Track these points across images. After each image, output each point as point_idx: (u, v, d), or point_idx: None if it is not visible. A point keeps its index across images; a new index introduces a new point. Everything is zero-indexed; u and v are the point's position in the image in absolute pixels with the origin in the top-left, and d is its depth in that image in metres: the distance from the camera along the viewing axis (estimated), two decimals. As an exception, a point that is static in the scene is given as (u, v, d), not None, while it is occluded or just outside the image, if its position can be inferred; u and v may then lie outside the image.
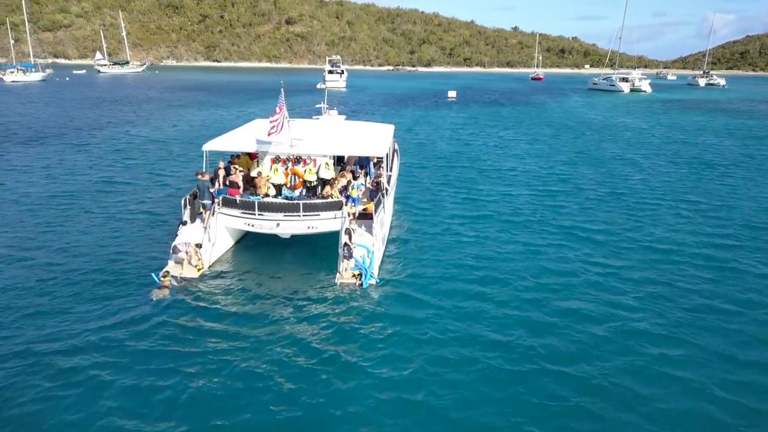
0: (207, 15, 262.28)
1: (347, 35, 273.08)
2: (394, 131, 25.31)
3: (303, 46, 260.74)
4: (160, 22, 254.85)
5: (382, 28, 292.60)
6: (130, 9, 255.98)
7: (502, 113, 64.04)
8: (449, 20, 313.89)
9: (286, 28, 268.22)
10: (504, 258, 18.63)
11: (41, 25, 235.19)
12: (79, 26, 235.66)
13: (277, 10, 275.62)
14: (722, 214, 24.19)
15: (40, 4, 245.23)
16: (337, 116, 29.40)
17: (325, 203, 18.16)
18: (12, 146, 36.02)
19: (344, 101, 78.20)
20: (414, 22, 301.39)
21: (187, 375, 11.71)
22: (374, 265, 17.26)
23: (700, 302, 15.70)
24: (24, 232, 19.96)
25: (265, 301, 15.28)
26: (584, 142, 42.36)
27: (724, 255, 19.24)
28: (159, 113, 55.97)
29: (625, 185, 28.84)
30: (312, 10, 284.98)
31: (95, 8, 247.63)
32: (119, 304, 14.66)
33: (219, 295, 15.57)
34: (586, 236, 20.87)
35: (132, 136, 40.65)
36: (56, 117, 51.80)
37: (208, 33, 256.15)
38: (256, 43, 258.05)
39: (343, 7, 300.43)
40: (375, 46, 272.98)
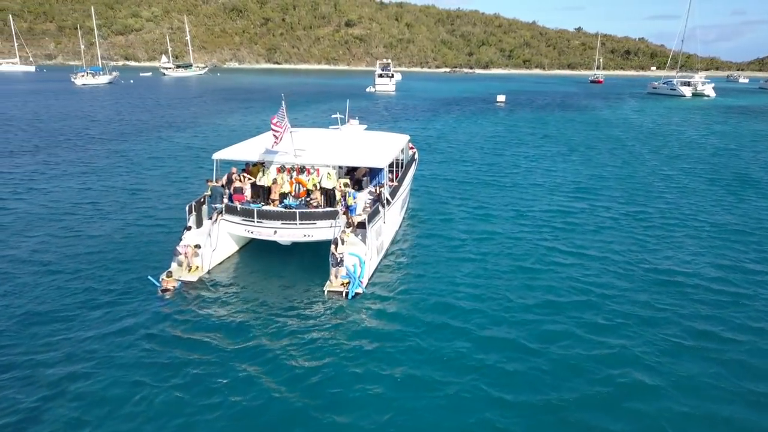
0: (269, 18, 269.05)
1: (405, 37, 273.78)
2: (426, 138, 25.67)
3: (361, 49, 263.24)
4: (225, 25, 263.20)
5: (441, 29, 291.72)
6: (196, 13, 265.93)
7: (546, 120, 62.67)
8: (510, 21, 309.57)
9: (345, 30, 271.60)
10: (503, 278, 18.27)
11: (114, 29, 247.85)
12: (149, 30, 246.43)
13: (337, 13, 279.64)
14: (754, 240, 22.49)
15: (114, 9, 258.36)
16: (358, 125, 29.82)
17: (321, 212, 18.64)
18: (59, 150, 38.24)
19: (389, 105, 78.71)
20: (474, 24, 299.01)
21: (167, 381, 12.26)
22: (365, 275, 17.57)
23: (695, 333, 14.94)
24: (43, 236, 21.10)
25: (252, 308, 15.83)
26: (623, 154, 40.76)
27: (743, 290, 17.79)
28: (205, 119, 57.97)
29: (653, 204, 27.30)
30: (371, 13, 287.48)
31: (164, 12, 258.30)
32: (116, 309, 15.41)
33: (211, 301, 16.24)
34: (595, 259, 20.02)
35: (171, 143, 42.12)
36: (108, 121, 54.52)
37: (270, 36, 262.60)
38: (315, 46, 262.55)
39: (403, 9, 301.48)
40: (433, 48, 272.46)
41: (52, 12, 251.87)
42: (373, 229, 18.92)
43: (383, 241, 20.09)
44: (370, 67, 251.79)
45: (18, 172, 31.39)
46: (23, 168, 32.52)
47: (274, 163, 20.66)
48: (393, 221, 21.88)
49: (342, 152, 21.49)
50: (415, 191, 29.17)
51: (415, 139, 46.02)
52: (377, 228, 19.35)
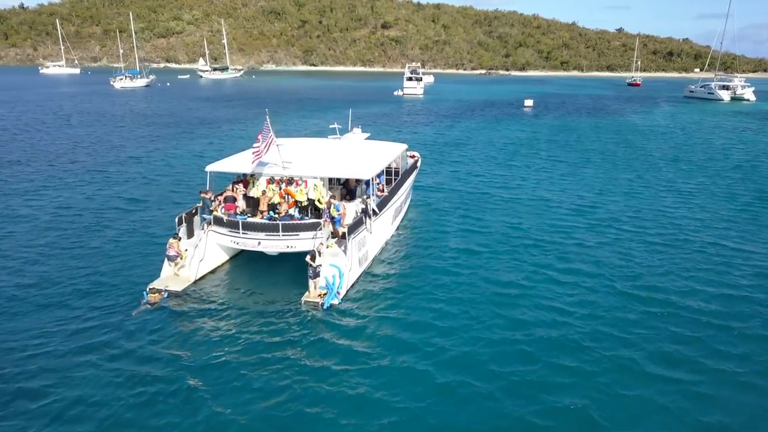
0: (306, 20, 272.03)
1: (441, 39, 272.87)
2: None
3: (397, 50, 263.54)
4: (263, 27, 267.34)
5: (478, 31, 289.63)
6: (236, 16, 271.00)
7: (570, 127, 61.58)
8: (549, 22, 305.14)
9: (382, 32, 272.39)
10: (488, 299, 17.78)
11: (156, 32, 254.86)
12: (189, 33, 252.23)
13: (373, 15, 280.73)
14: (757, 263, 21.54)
15: (156, 12, 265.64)
16: (360, 134, 30.12)
17: (304, 224, 19.10)
18: (79, 156, 39.74)
19: (413, 109, 78.84)
20: (512, 25, 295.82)
21: (128, 396, 12.70)
22: (343, 286, 17.93)
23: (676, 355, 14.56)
24: (33, 245, 22.01)
25: (230, 320, 16.28)
26: (640, 165, 39.54)
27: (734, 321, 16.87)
28: (227, 125, 59.09)
29: (657, 222, 26.21)
30: (408, 14, 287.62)
31: (204, 15, 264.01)
32: (94, 323, 15.94)
33: (191, 313, 16.72)
34: (587, 280, 19.26)
35: (186, 150, 42.73)
36: (133, 126, 56.25)
37: (307, 38, 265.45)
38: (351, 48, 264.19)
39: (440, 10, 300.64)
40: (469, 49, 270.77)
41: (98, 16, 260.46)
42: (355, 241, 19.26)
43: (368, 251, 20.40)
44: (404, 70, 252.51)
45: (30, 179, 32.82)
46: (39, 174, 33.94)
47: (263, 175, 21.23)
48: (382, 232, 22.17)
49: (328, 164, 21.89)
50: (415, 200, 29.34)
51: (430, 144, 46.18)
52: (360, 239, 19.68)
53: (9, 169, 35.19)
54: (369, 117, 66.55)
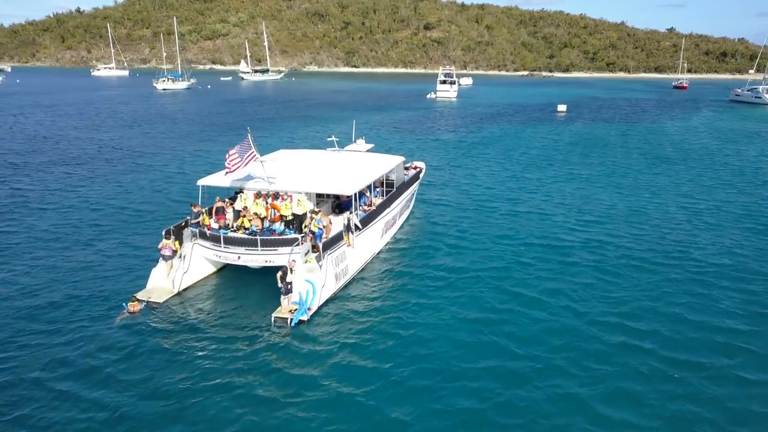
0: (349, 22, 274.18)
1: (484, 40, 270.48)
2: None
3: (438, 52, 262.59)
4: (306, 29, 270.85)
5: (523, 31, 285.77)
6: (280, 18, 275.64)
7: (598, 135, 59.85)
8: (596, 22, 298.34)
9: (424, 33, 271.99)
10: (458, 328, 17.16)
11: (203, 35, 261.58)
12: (235, 35, 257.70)
13: (416, 16, 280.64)
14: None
15: (204, 15, 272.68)
16: (363, 146, 30.38)
17: (282, 239, 19.53)
18: (96, 162, 41.27)
19: (442, 114, 78.53)
20: (557, 25, 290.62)
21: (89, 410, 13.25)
22: (315, 303, 18.26)
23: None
24: (23, 254, 22.93)
25: (201, 333, 16.79)
26: (662, 180, 37.80)
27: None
28: (253, 132, 60.28)
29: (663, 243, 25.06)
30: (451, 15, 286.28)
31: (250, 18, 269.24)
32: (69, 334, 16.58)
33: (167, 325, 17.31)
34: (579, 310, 18.34)
35: (201, 158, 43.42)
36: (158, 132, 57.83)
37: (349, 39, 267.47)
38: (393, 49, 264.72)
39: (484, 11, 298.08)
40: (512, 50, 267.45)
41: (149, 19, 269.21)
42: (332, 256, 19.57)
43: (347, 267, 20.64)
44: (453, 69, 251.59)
45: (44, 184, 34.15)
46: (55, 180, 35.30)
47: (250, 190, 21.79)
48: (367, 246, 22.37)
49: (313, 179, 22.25)
50: (416, 212, 29.36)
51: (445, 153, 45.96)
52: (338, 254, 19.97)
53: (17, 172, 36.87)
54: (393, 123, 66.77)
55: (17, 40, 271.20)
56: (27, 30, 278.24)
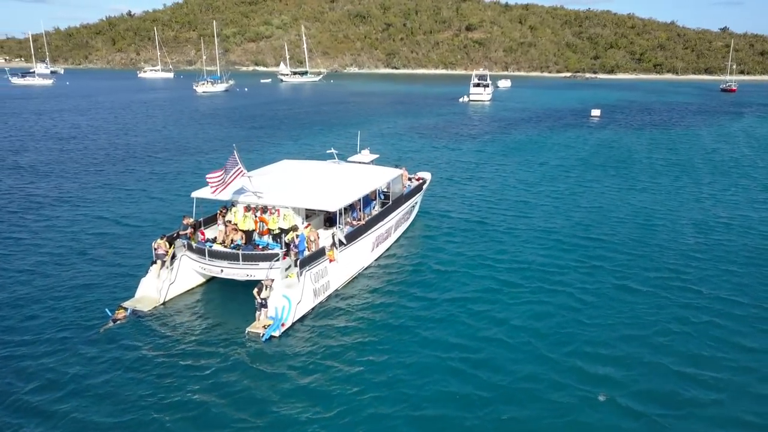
0: (391, 23, 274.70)
1: (527, 40, 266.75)
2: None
3: (480, 53, 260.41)
4: (348, 31, 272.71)
5: (567, 32, 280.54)
6: (322, 20, 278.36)
7: (624, 144, 57.73)
8: (645, 21, 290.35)
9: (465, 34, 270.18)
10: (438, 356, 16.74)
11: (247, 37, 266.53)
12: (278, 37, 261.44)
13: (458, 17, 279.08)
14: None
15: (248, 17, 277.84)
16: (368, 156, 30.49)
17: (263, 254, 19.90)
18: (109, 167, 42.62)
19: (472, 119, 77.79)
20: (603, 25, 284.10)
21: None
22: (289, 318, 18.54)
23: None
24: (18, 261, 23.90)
25: (176, 344, 17.29)
26: (683, 194, 36.20)
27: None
28: (273, 138, 61.01)
29: (667, 263, 24.20)
30: (494, 16, 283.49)
31: (293, 20, 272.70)
32: (48, 342, 17.20)
33: (146, 335, 17.86)
34: (554, 346, 17.39)
35: (214, 164, 44.46)
36: (180, 137, 59.37)
37: (390, 41, 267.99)
38: (434, 50, 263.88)
39: (528, 11, 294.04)
40: (556, 51, 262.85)
41: (195, 21, 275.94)
42: (311, 272, 19.82)
43: (329, 282, 20.83)
44: (487, 72, 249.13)
45: (58, 189, 35.35)
46: (69, 183, 36.55)
47: (241, 203, 22.27)
48: (354, 262, 22.50)
49: (300, 193, 22.51)
50: (417, 224, 29.19)
51: (465, 161, 45.58)
52: (318, 270, 20.19)
53: (20, 177, 38.39)
54: (418, 128, 66.64)
55: (71, 43, 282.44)
56: (81, 33, 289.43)
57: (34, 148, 50.23)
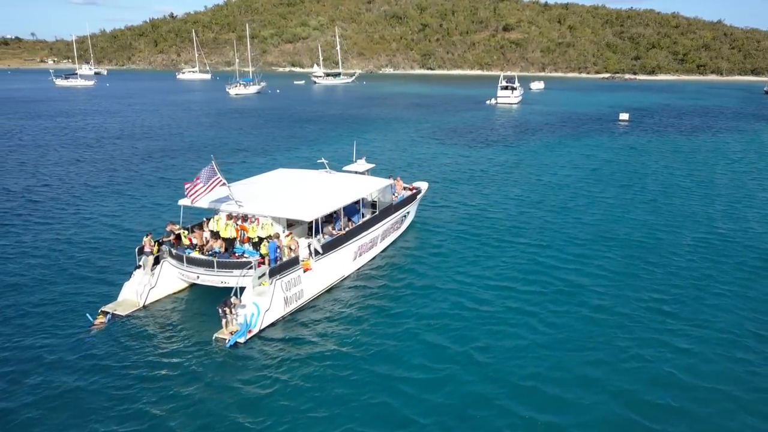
0: (427, 24, 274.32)
1: (565, 41, 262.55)
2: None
3: (516, 54, 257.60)
4: (384, 32, 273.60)
5: (608, 31, 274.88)
6: (359, 21, 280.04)
7: (647, 151, 55.87)
8: (689, 21, 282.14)
9: (502, 35, 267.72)
10: (397, 379, 16.47)
11: (284, 38, 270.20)
12: (314, 38, 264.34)
13: (495, 17, 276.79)
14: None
15: (286, 19, 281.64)
16: (364, 165, 30.55)
17: (236, 262, 20.42)
18: (101, 177, 43.87)
19: (497, 122, 76.83)
20: (646, 25, 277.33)
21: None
22: (256, 325, 18.99)
23: None
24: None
25: (148, 349, 17.88)
26: (693, 209, 34.78)
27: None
28: (294, 141, 61.70)
29: (674, 286, 23.78)
30: (532, 16, 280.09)
31: (329, 21, 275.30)
32: (25, 344, 17.89)
33: (119, 340, 18.47)
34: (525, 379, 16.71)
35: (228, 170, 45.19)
36: (200, 142, 60.67)
37: (426, 42, 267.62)
38: (469, 51, 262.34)
39: (568, 10, 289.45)
40: (595, 51, 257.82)
41: (234, 23, 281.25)
42: (283, 281, 20.22)
43: (302, 290, 21.17)
44: (524, 72, 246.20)
45: (66, 192, 36.45)
46: (77, 188, 37.67)
47: (223, 212, 22.85)
48: (331, 271, 22.78)
49: (279, 203, 22.91)
50: (409, 235, 29.15)
51: (474, 169, 44.93)
52: (291, 279, 20.57)
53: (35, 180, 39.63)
54: (437, 132, 66.40)
55: (116, 45, 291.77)
56: (125, 34, 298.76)
57: (53, 149, 52.10)
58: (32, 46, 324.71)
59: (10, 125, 68.69)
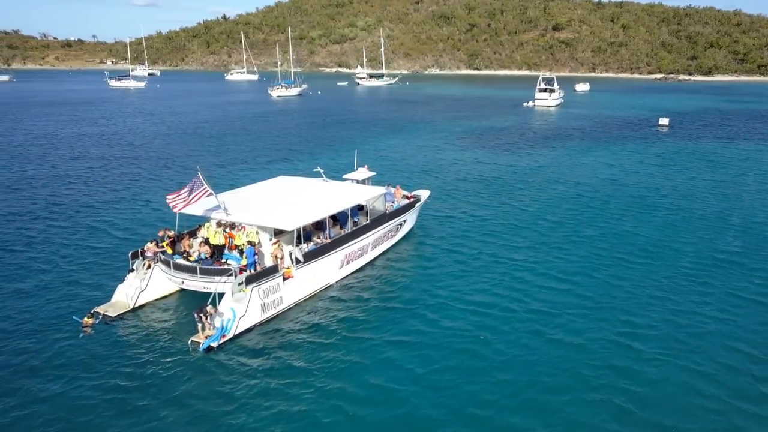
0: (475, 24, 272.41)
1: (618, 40, 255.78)
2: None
3: (566, 54, 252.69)
4: (431, 32, 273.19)
5: (664, 30, 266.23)
6: (406, 21, 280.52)
7: (679, 161, 53.58)
8: (752, 18, 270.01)
9: (552, 34, 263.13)
10: (366, 395, 16.52)
11: (332, 39, 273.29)
12: (362, 39, 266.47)
13: (545, 17, 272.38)
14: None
15: (334, 20, 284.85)
16: (364, 173, 30.90)
17: (217, 269, 21.26)
18: (109, 179, 45.57)
19: (522, 127, 75.16)
20: (705, 23, 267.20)
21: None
22: (231, 330, 19.75)
23: None
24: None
25: (129, 351, 18.66)
26: (707, 227, 33.38)
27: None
28: (317, 146, 62.20)
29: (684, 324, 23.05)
30: (584, 15, 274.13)
31: (377, 21, 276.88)
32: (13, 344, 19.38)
33: (102, 341, 19.32)
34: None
35: (231, 181, 45.82)
36: (221, 146, 62.30)
37: (473, 42, 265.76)
38: (517, 51, 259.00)
39: (622, 9, 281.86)
40: (649, 51, 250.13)
41: (284, 24, 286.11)
42: (261, 288, 20.90)
43: (281, 297, 21.78)
44: (573, 73, 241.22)
45: (85, 195, 37.93)
46: (96, 191, 39.18)
47: (214, 219, 23.76)
48: (314, 279, 23.28)
49: (263, 212, 23.58)
50: (404, 244, 29.20)
51: (488, 177, 44.27)
52: (269, 286, 21.20)
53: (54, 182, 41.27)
54: (464, 137, 65.98)
55: (171, 46, 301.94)
56: (179, 36, 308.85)
57: (85, 153, 54.35)
58: (93, 47, 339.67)
59: (48, 128, 72.25)
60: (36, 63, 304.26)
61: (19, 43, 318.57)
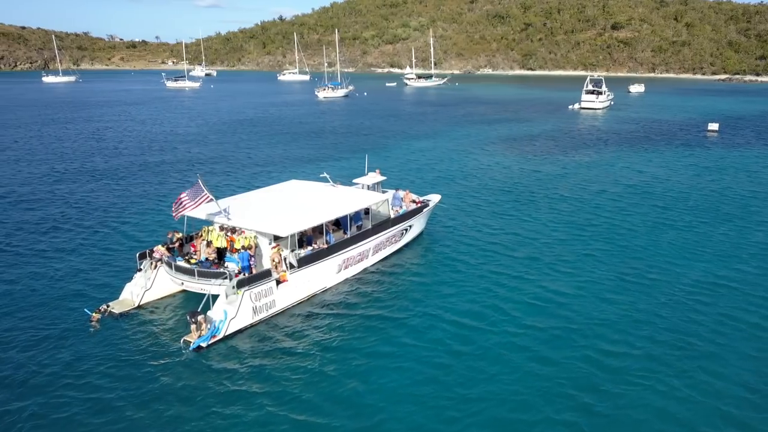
0: (530, 23, 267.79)
1: (680, 39, 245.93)
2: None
3: (624, 53, 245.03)
4: (485, 32, 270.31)
5: (731, 28, 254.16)
6: (460, 21, 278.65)
7: (716, 169, 50.98)
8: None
9: (610, 33, 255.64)
10: (351, 407, 16.59)
11: (385, 39, 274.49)
12: (414, 39, 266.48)
13: (604, 15, 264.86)
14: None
15: (388, 20, 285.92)
16: (375, 178, 31.31)
17: (213, 271, 22.24)
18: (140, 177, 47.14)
19: (561, 132, 73.27)
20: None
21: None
22: (221, 331, 20.66)
23: None
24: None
25: (124, 345, 19.76)
26: (733, 245, 31.43)
27: None
28: (348, 150, 62.36)
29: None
30: (645, 13, 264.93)
31: (431, 21, 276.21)
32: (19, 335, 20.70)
33: (100, 339, 20.41)
34: None
35: (241, 184, 46.28)
36: (263, 149, 63.47)
37: (528, 41, 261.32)
38: (573, 51, 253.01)
39: (687, 6, 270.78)
40: (713, 51, 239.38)
41: (338, 24, 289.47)
42: (253, 291, 21.73)
43: (273, 301, 22.52)
44: (631, 74, 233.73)
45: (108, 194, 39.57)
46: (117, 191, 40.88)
47: (217, 223, 24.80)
48: (309, 283, 23.92)
49: (262, 217, 24.36)
50: (407, 251, 29.27)
51: (517, 182, 43.90)
52: (261, 290, 21.99)
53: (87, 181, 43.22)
54: (496, 141, 65.11)
55: (228, 47, 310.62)
56: (237, 37, 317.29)
57: (124, 151, 56.80)
58: (156, 48, 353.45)
59: (92, 128, 75.84)
60: (103, 64, 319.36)
61: (87, 45, 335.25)
